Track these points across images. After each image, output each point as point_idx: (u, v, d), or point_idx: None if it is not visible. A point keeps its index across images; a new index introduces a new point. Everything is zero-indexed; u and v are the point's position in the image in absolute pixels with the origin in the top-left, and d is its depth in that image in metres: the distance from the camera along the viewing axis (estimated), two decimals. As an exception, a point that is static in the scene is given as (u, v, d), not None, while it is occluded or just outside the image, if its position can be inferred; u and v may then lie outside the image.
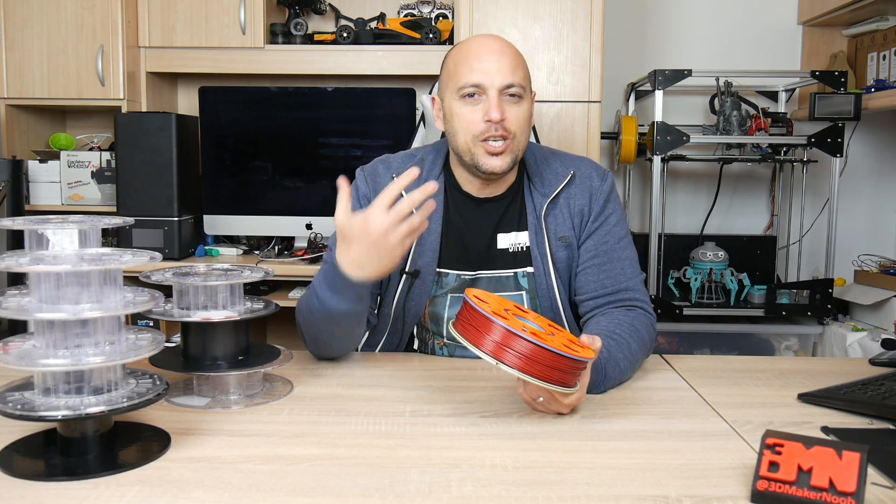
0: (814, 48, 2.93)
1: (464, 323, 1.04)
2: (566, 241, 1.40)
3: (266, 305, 1.17)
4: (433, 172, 1.43)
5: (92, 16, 2.52)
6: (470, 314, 1.03)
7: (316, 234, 2.61)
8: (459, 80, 1.32)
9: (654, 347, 1.37)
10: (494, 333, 1.00)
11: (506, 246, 1.42)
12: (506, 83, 1.30)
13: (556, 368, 1.00)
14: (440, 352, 1.45)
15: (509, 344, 0.99)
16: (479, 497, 0.83)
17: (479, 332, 1.01)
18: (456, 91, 1.33)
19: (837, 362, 1.45)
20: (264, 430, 1.02)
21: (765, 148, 2.73)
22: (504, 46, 1.34)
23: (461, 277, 1.41)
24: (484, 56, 1.31)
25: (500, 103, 1.30)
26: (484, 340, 1.00)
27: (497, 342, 0.99)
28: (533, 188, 1.42)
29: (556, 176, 1.42)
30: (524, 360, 0.99)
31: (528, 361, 0.99)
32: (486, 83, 1.30)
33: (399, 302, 1.41)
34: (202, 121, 2.64)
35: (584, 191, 1.41)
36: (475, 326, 1.01)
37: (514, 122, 1.31)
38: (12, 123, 2.61)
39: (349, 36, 2.59)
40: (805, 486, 0.79)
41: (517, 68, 1.32)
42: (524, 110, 1.33)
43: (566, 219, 1.40)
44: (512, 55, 1.33)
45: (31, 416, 0.86)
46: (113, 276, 0.93)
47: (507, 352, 0.99)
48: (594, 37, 2.42)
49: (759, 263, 2.87)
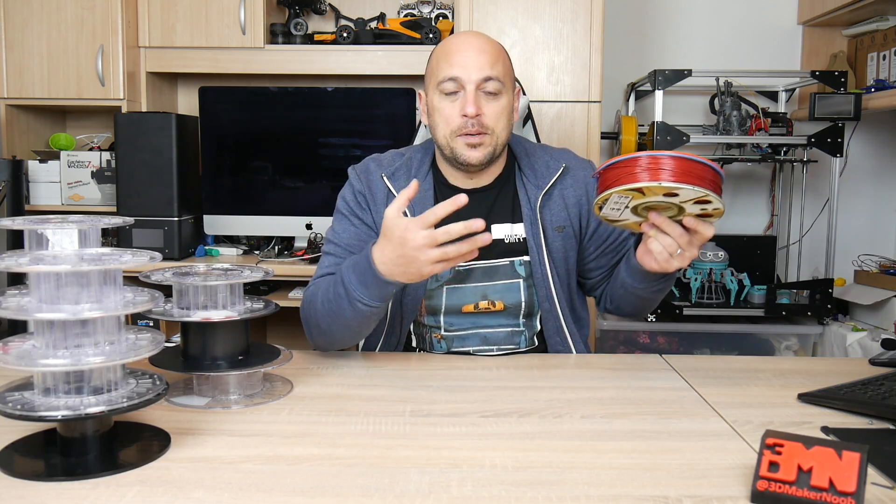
0: (814, 48, 2.93)
1: (606, 181, 1.07)
2: (563, 230, 1.44)
3: (266, 305, 1.17)
4: (421, 170, 1.45)
5: (92, 16, 2.52)
6: (608, 171, 1.07)
7: (316, 234, 2.61)
8: (438, 74, 1.36)
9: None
10: (641, 163, 1.03)
11: (500, 236, 1.43)
12: (482, 76, 1.33)
13: (705, 178, 1.04)
14: (438, 346, 1.46)
15: (659, 164, 1.02)
16: (479, 497, 0.83)
17: (628, 172, 1.04)
18: (436, 86, 1.36)
19: (837, 362, 1.45)
20: (264, 430, 1.02)
21: (765, 148, 2.73)
22: (483, 43, 1.36)
23: (456, 268, 1.42)
24: (462, 51, 1.34)
25: (477, 99, 1.33)
26: (636, 174, 1.03)
27: (647, 167, 1.03)
28: (526, 180, 1.45)
29: (547, 168, 1.46)
30: (678, 174, 1.02)
31: (682, 174, 1.02)
32: (462, 77, 1.33)
33: (396, 298, 1.42)
34: (202, 121, 2.64)
35: (579, 182, 1.47)
36: (620, 172, 1.04)
37: (491, 118, 1.35)
38: (12, 123, 2.61)
39: (349, 36, 2.59)
40: (805, 486, 0.79)
41: (495, 63, 1.34)
42: (502, 105, 1.36)
43: (562, 209, 1.45)
44: (490, 51, 1.35)
45: (31, 416, 0.86)
46: (113, 276, 0.93)
47: (661, 171, 1.02)
48: (594, 37, 2.42)
49: (759, 263, 2.86)
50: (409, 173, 1.45)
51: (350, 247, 1.43)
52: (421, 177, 1.44)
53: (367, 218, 1.44)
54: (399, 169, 1.45)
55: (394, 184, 1.43)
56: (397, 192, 1.41)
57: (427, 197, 1.43)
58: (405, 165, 1.46)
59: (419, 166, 1.46)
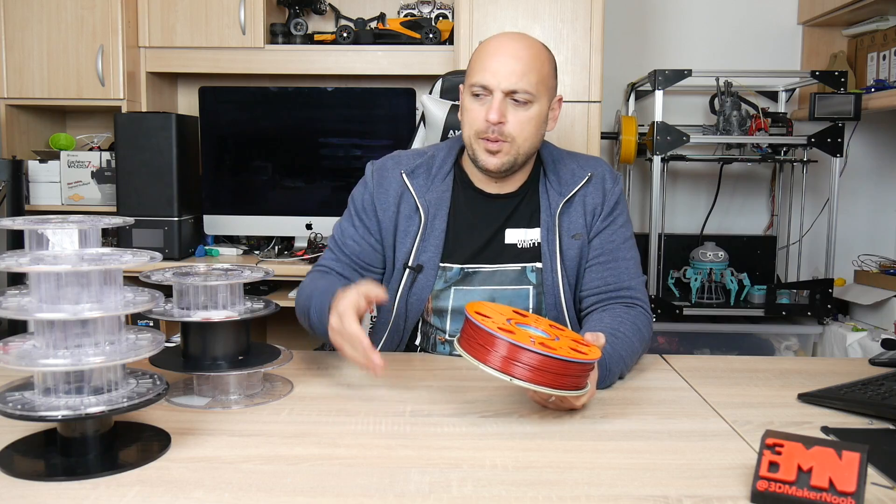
0: (814, 48, 2.93)
1: (469, 340, 1.04)
2: (579, 238, 1.42)
3: (266, 305, 1.17)
4: (443, 169, 1.44)
5: (92, 16, 2.52)
6: (473, 331, 1.03)
7: (316, 234, 2.61)
8: (472, 76, 1.35)
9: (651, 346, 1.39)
10: (500, 348, 1.00)
11: (514, 241, 1.43)
12: (510, 88, 1.31)
13: (566, 374, 1.01)
14: (441, 348, 1.45)
15: (517, 357, 0.99)
16: (479, 497, 0.83)
17: (485, 349, 1.01)
18: (469, 86, 1.36)
19: (837, 362, 1.45)
20: (264, 430, 1.02)
21: (765, 148, 2.73)
22: (520, 49, 1.33)
23: (464, 270, 1.42)
24: (497, 56, 1.32)
25: (502, 106, 1.31)
26: (490, 356, 1.00)
27: (504, 357, 1.00)
28: (549, 186, 1.43)
29: (572, 176, 1.43)
30: (534, 371, 0.99)
31: (538, 372, 0.99)
32: (491, 84, 1.31)
33: (402, 296, 1.41)
34: (202, 121, 2.64)
35: (598, 190, 1.44)
36: (481, 343, 1.01)
37: (514, 126, 1.33)
38: (12, 123, 2.61)
39: (349, 36, 2.59)
40: (805, 486, 0.79)
41: (528, 73, 1.31)
42: (529, 115, 1.33)
43: (580, 216, 1.42)
44: (526, 59, 1.32)
45: (31, 416, 0.86)
46: (113, 276, 0.93)
47: (515, 365, 0.99)
48: (594, 37, 2.42)
49: (759, 263, 2.87)
50: (430, 171, 1.43)
51: (348, 246, 1.44)
52: (441, 176, 1.43)
53: (371, 224, 1.44)
54: (420, 167, 1.44)
55: (412, 181, 1.42)
56: (415, 192, 1.41)
57: (445, 197, 1.42)
58: (426, 164, 1.45)
59: (441, 165, 1.44)
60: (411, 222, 1.42)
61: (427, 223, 1.40)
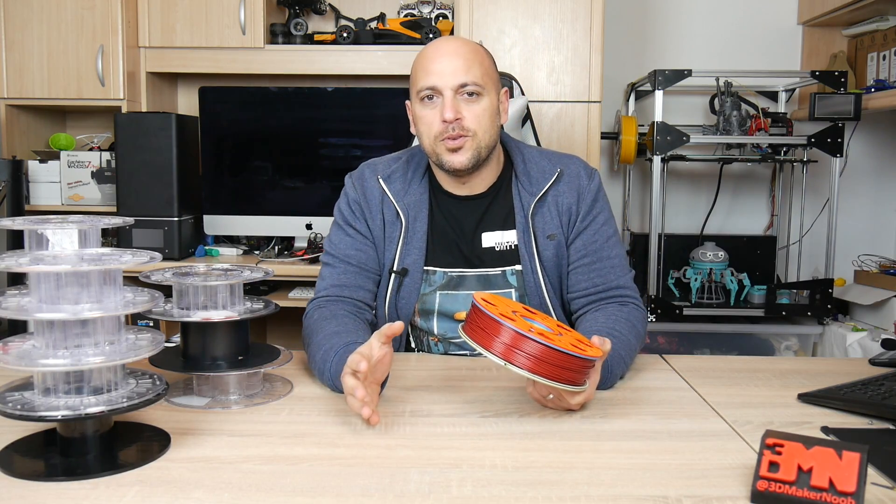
0: (814, 48, 2.93)
1: (472, 326, 1.05)
2: (554, 238, 1.41)
3: (266, 305, 1.17)
4: (417, 174, 1.45)
5: (92, 16, 2.52)
6: (478, 317, 1.04)
7: (316, 234, 2.61)
8: (417, 84, 1.36)
9: (651, 347, 1.38)
10: (503, 335, 1.01)
11: (491, 244, 1.42)
12: (458, 83, 1.32)
13: (565, 367, 1.01)
14: (435, 349, 1.46)
15: (518, 345, 1.00)
16: (479, 497, 0.83)
17: (488, 335, 1.02)
18: (416, 95, 1.37)
19: (837, 362, 1.45)
20: (264, 430, 1.02)
21: (765, 148, 2.73)
22: (458, 47, 1.35)
23: (448, 275, 1.42)
24: (437, 59, 1.33)
25: (455, 103, 1.32)
26: (493, 343, 1.01)
27: (506, 344, 1.01)
28: (521, 187, 1.43)
29: (542, 174, 1.43)
30: (533, 361, 1.00)
31: (537, 362, 1.00)
32: (439, 85, 1.32)
33: (391, 301, 1.42)
34: (202, 121, 2.65)
35: (573, 189, 1.42)
36: (483, 329, 1.03)
37: (471, 120, 1.33)
38: (12, 123, 2.61)
39: (349, 36, 2.59)
40: (805, 486, 0.79)
41: (471, 67, 1.33)
42: (483, 107, 1.34)
43: (554, 217, 1.41)
44: (466, 54, 1.33)
45: (31, 416, 0.86)
46: (113, 276, 0.93)
47: (516, 353, 1.00)
48: (594, 37, 2.42)
49: (759, 263, 2.86)
50: (406, 176, 1.44)
51: (346, 257, 1.42)
52: (416, 181, 1.44)
53: (362, 227, 1.44)
54: (395, 172, 1.45)
55: (389, 186, 1.43)
56: (393, 196, 1.41)
57: (423, 200, 1.43)
58: (401, 168, 1.46)
59: (416, 169, 1.45)
60: (394, 227, 1.42)
61: (408, 226, 1.41)
